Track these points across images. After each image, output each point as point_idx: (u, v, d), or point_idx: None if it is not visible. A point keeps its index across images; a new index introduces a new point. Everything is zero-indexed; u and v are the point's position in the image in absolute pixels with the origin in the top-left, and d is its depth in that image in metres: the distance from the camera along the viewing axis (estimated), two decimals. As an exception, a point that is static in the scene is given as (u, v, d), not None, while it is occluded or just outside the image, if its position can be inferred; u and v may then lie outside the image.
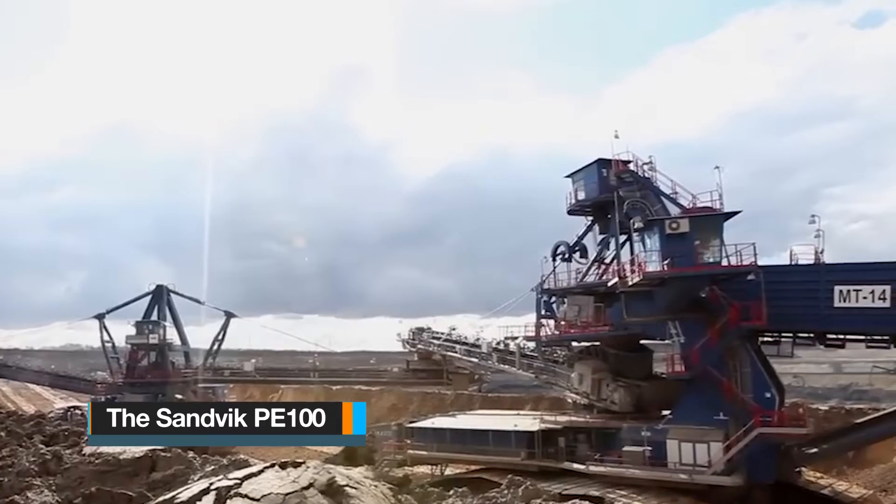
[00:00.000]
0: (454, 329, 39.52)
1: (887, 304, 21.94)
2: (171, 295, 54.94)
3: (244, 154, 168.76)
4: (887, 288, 21.91)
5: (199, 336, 57.74)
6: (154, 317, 53.97)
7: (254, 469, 24.97)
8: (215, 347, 55.44)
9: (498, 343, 34.83)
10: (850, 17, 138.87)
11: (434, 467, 32.50)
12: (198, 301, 55.31)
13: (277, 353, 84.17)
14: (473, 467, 30.62)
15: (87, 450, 25.78)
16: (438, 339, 40.06)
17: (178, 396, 51.21)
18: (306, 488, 13.22)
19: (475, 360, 37.20)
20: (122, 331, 53.82)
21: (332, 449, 44.48)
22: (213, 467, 28.29)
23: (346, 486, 13.80)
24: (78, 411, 50.16)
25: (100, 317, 53.56)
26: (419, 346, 42.13)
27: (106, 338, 53.54)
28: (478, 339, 36.51)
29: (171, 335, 54.56)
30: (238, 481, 13.40)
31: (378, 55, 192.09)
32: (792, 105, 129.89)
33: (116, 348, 54.25)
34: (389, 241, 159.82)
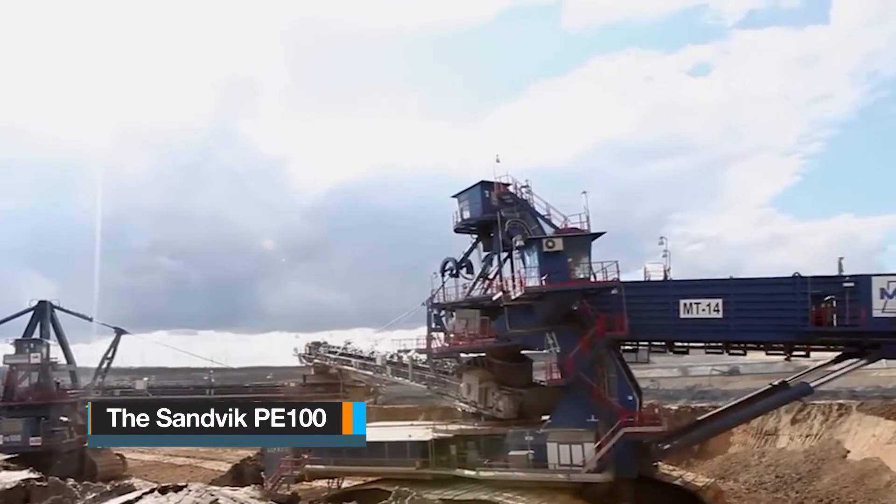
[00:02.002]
0: (350, 343, 38.64)
1: (720, 314, 23.57)
2: (56, 311, 50.01)
3: (132, 165, 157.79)
4: (720, 301, 23.53)
5: (88, 354, 53.27)
6: (36, 334, 48.76)
7: (131, 496, 22.91)
8: (105, 366, 51.10)
9: (392, 356, 34.30)
10: (685, 66, 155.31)
11: (331, 481, 31.58)
12: (86, 317, 50.62)
13: (172, 370, 79.28)
14: (370, 479, 30.00)
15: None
16: (334, 353, 38.99)
17: (64, 419, 46.91)
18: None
19: (370, 373, 36.48)
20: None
21: (224, 467, 42.54)
22: (93, 495, 25.76)
23: (231, 507, 12.69)
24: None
25: (-27, 335, 48.03)
26: (316, 360, 40.83)
27: (-20, 358, 47.99)
28: (373, 353, 35.82)
29: (56, 354, 49.68)
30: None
31: (269, 70, 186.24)
32: (641, 139, 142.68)
33: (-7, 369, 48.79)
34: (285, 255, 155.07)
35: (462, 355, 30.31)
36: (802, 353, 24.81)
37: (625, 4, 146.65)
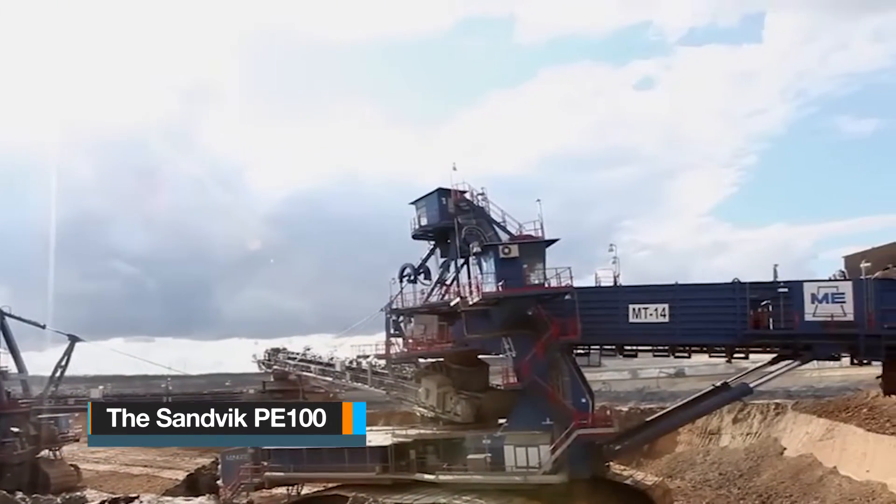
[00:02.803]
0: (309, 349, 37.92)
1: (666, 319, 24.09)
2: (6, 318, 47.54)
3: (85, 168, 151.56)
4: (666, 306, 24.05)
5: (41, 363, 50.83)
6: (-14, 342, 46.47)
7: (81, 510, 21.86)
8: (58, 374, 48.58)
9: (351, 362, 33.83)
10: (631, 80, 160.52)
11: (291, 488, 30.82)
12: (38, 325, 48.16)
13: (128, 378, 76.16)
14: (330, 485, 29.45)
15: None
16: (294, 359, 38.21)
17: (15, 429, 44.60)
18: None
19: (330, 379, 35.89)
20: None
21: (182, 476, 41.14)
22: (41, 510, 24.45)
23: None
24: None
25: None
26: (275, 366, 39.93)
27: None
28: (332, 359, 35.24)
29: (7, 362, 47.26)
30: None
31: (226, 75, 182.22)
32: (591, 150, 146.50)
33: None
34: (244, 261, 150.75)
35: (420, 360, 30.13)
36: (742, 355, 25.57)
37: (574, 19, 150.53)
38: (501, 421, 26.67)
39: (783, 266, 24.01)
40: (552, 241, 25.13)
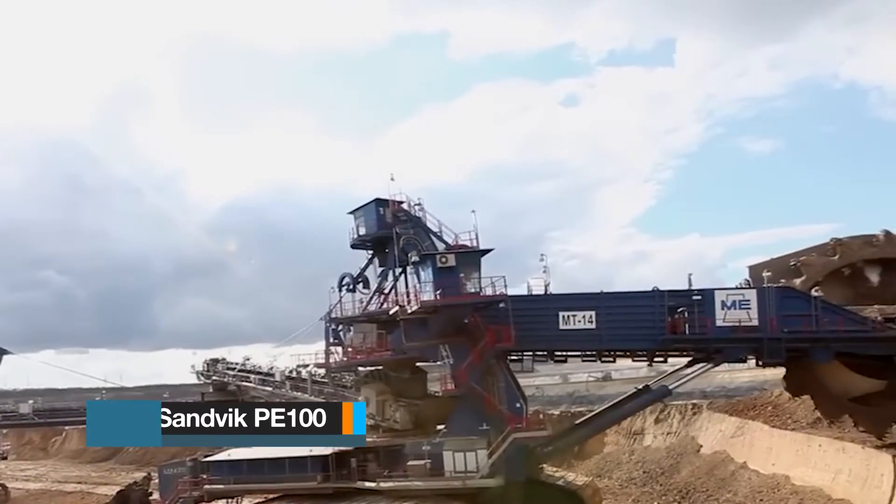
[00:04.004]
0: (248, 359, 36.66)
1: (593, 325, 24.52)
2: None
3: (9, 173, 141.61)
4: (593, 313, 24.48)
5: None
6: None
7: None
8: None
9: (291, 371, 32.81)
10: (558, 96, 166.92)
11: (231, 500, 29.35)
12: (-39, 339, 44.37)
13: (61, 391, 71.26)
14: (271, 496, 28.25)
15: None
16: (233, 369, 36.78)
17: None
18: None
19: (270, 388, 34.67)
20: None
21: (109, 490, 38.57)
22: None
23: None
24: None
25: None
26: (214, 377, 38.32)
27: None
28: (272, 368, 34.12)
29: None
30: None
31: (162, 81, 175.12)
32: (522, 163, 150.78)
33: None
34: (181, 270, 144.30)
35: (360, 369, 29.49)
36: (662, 359, 26.38)
37: (504, 38, 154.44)
38: (440, 427, 26.38)
39: (696, 275, 24.98)
40: (487, 251, 25.22)
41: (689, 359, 25.82)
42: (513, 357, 26.47)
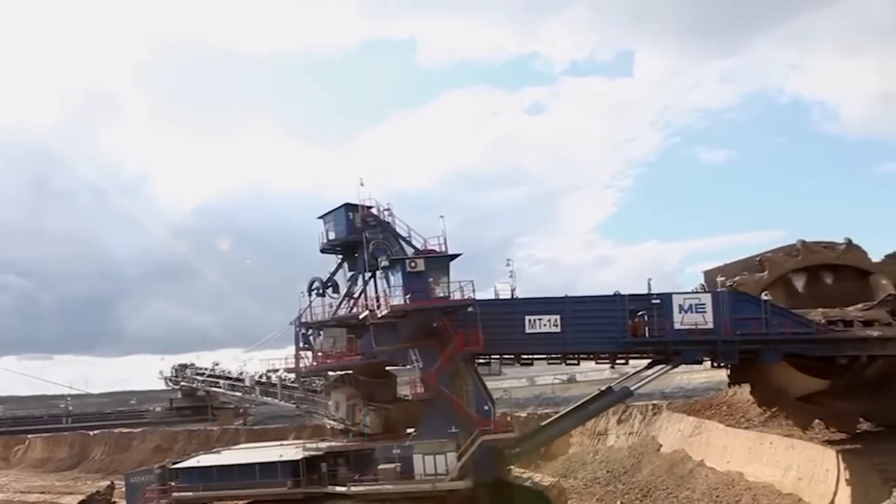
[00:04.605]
0: (218, 364, 35.69)
1: (558, 329, 24.66)
2: None
3: None
4: (558, 317, 24.63)
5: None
6: None
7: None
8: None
9: (261, 376, 32.09)
10: (523, 105, 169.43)
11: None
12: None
13: (23, 398, 68.21)
14: (242, 502, 27.52)
15: None
16: (202, 374, 35.77)
17: None
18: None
19: (239, 394, 33.88)
20: None
21: (73, 500, 37.07)
22: None
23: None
24: None
25: None
26: (183, 382, 37.29)
27: None
28: (241, 373, 33.30)
29: None
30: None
31: (131, 83, 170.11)
32: (489, 169, 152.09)
33: None
34: (149, 274, 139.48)
35: (330, 373, 29.00)
36: (623, 361, 26.72)
37: (471, 46, 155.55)
38: (410, 430, 26.24)
39: (656, 280, 25.45)
40: (455, 256, 25.24)
41: (649, 361, 26.22)
42: (481, 360, 26.51)
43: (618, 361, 26.93)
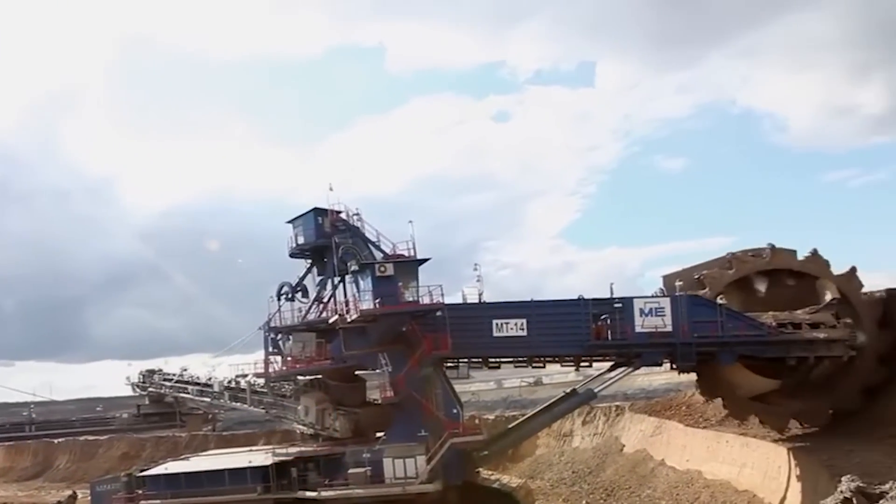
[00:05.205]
0: (186, 369, 34.56)
1: (525, 332, 24.63)
2: None
3: None
4: (524, 321, 24.61)
5: None
6: None
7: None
8: None
9: (230, 381, 31.20)
10: (489, 112, 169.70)
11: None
12: None
13: (-16, 407, 65.03)
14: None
15: None
16: (170, 380, 34.62)
17: None
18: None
19: (208, 399, 32.89)
20: None
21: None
22: None
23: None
24: None
25: None
26: (150, 388, 36.00)
27: None
28: (210, 379, 32.31)
29: None
30: None
31: (95, 84, 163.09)
32: (456, 175, 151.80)
33: None
34: (114, 279, 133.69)
35: (299, 378, 28.44)
36: (587, 363, 26.83)
37: (438, 53, 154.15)
38: (380, 434, 25.85)
39: (618, 284, 25.55)
40: (424, 261, 25.06)
41: (612, 363, 26.37)
42: (449, 364, 26.31)
43: (582, 364, 27.04)
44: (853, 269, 25.24)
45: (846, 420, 24.93)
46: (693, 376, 28.09)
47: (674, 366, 25.78)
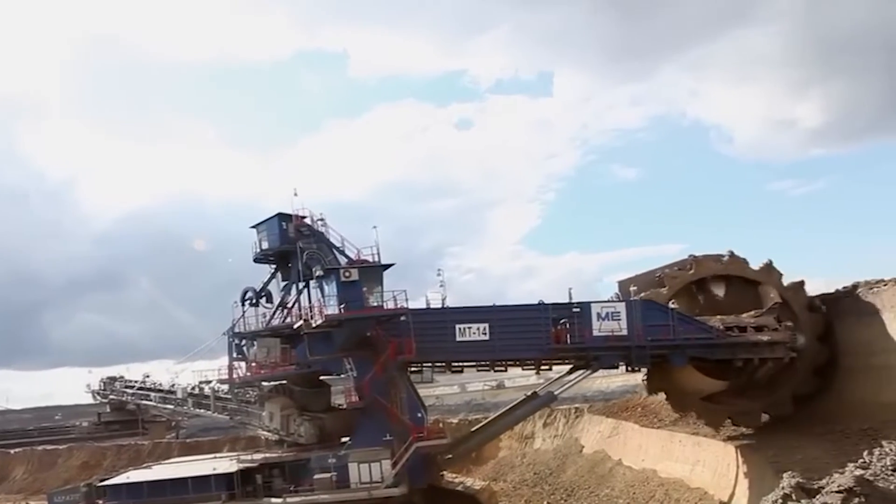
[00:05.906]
0: (148, 376, 33.18)
1: (487, 337, 24.45)
2: None
3: None
4: (486, 325, 24.46)
5: None
6: None
7: None
8: None
9: (193, 388, 29.99)
10: (452, 119, 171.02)
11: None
12: None
13: (-63, 415, 60.98)
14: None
15: None
16: (132, 387, 33.11)
17: None
18: None
19: (171, 406, 31.49)
20: None
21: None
22: None
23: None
24: None
25: None
26: (112, 396, 34.43)
27: None
28: (173, 385, 31.01)
29: None
30: None
31: (55, 88, 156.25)
32: (420, 181, 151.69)
33: None
34: (74, 284, 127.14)
35: (264, 384, 27.52)
36: (548, 367, 26.79)
37: (401, 61, 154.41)
38: (345, 439, 25.19)
39: (576, 289, 25.64)
40: (388, 266, 24.67)
41: (571, 366, 26.41)
42: (413, 368, 25.94)
43: (542, 367, 26.99)
44: (801, 283, 25.87)
45: (792, 416, 25.47)
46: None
47: (629, 368, 25.98)
